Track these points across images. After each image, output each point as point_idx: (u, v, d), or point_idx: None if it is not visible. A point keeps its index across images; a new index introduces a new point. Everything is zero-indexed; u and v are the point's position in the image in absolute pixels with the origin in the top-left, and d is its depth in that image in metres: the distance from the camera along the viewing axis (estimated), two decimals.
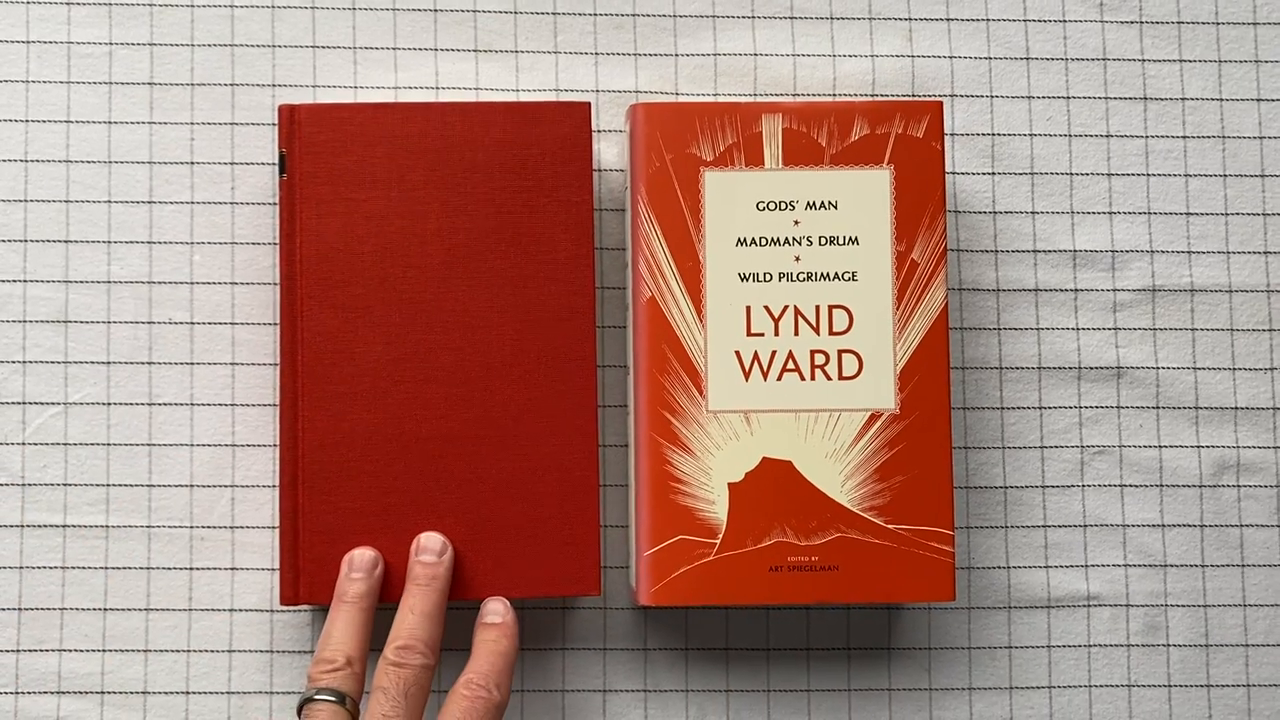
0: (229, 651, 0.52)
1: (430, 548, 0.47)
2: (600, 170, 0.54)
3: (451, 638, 0.52)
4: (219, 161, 0.53)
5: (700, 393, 0.48)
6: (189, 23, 0.53)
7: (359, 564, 0.47)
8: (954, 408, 0.53)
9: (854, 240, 0.49)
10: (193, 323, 0.53)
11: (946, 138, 0.54)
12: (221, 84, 0.53)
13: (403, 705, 0.44)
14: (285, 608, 0.51)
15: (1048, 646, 0.53)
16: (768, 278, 0.49)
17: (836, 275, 0.49)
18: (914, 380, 0.49)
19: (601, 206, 0.53)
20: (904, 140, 0.49)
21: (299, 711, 0.45)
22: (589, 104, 0.50)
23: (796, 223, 0.49)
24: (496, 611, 0.47)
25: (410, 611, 0.46)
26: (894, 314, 0.49)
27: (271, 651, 0.52)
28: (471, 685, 0.45)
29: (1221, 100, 0.55)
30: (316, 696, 0.44)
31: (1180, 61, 0.55)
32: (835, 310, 0.49)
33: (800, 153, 0.49)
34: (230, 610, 0.52)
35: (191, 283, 0.53)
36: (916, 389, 0.49)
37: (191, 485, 0.52)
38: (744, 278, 0.49)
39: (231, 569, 0.52)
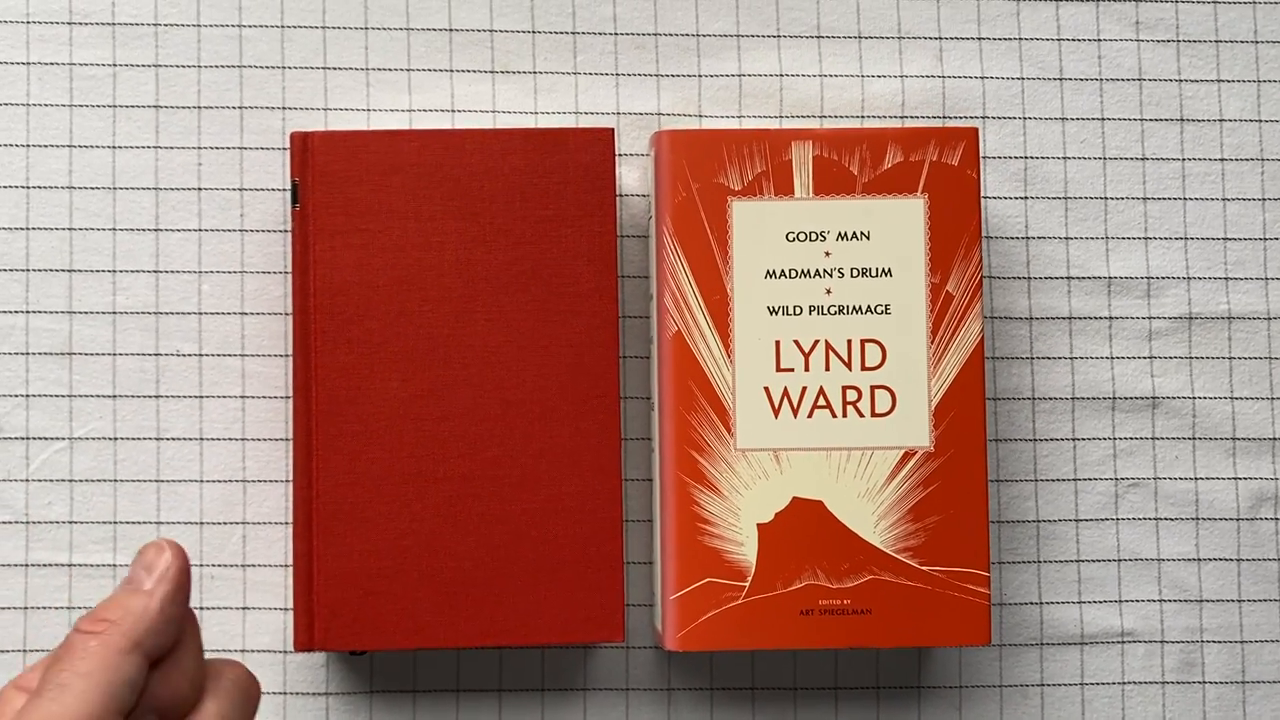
0: None
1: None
2: (622, 195, 0.52)
3: (469, 677, 0.51)
4: (228, 187, 0.51)
5: (728, 430, 0.47)
6: (195, 43, 0.52)
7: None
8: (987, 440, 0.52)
9: (887, 272, 0.47)
10: (201, 354, 0.51)
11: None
12: (230, 107, 0.51)
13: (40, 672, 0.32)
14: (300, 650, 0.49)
15: (1081, 684, 0.52)
16: (798, 311, 0.47)
17: (869, 308, 0.47)
18: (949, 417, 0.47)
19: (623, 233, 0.52)
20: (938, 168, 0.48)
21: None
22: (612, 130, 0.48)
23: (828, 254, 0.47)
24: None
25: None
26: (928, 348, 0.47)
27: (285, 694, 0.50)
28: (91, 619, 0.33)
29: (1260, 122, 0.53)
30: None
31: (1218, 81, 0.53)
32: (868, 345, 0.47)
33: (831, 181, 0.47)
34: (242, 651, 0.50)
35: (200, 313, 0.51)
36: (952, 426, 0.47)
37: (201, 522, 0.51)
38: (773, 311, 0.47)
39: (243, 609, 0.50)
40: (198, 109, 0.51)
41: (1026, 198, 0.53)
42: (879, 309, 0.47)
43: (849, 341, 0.47)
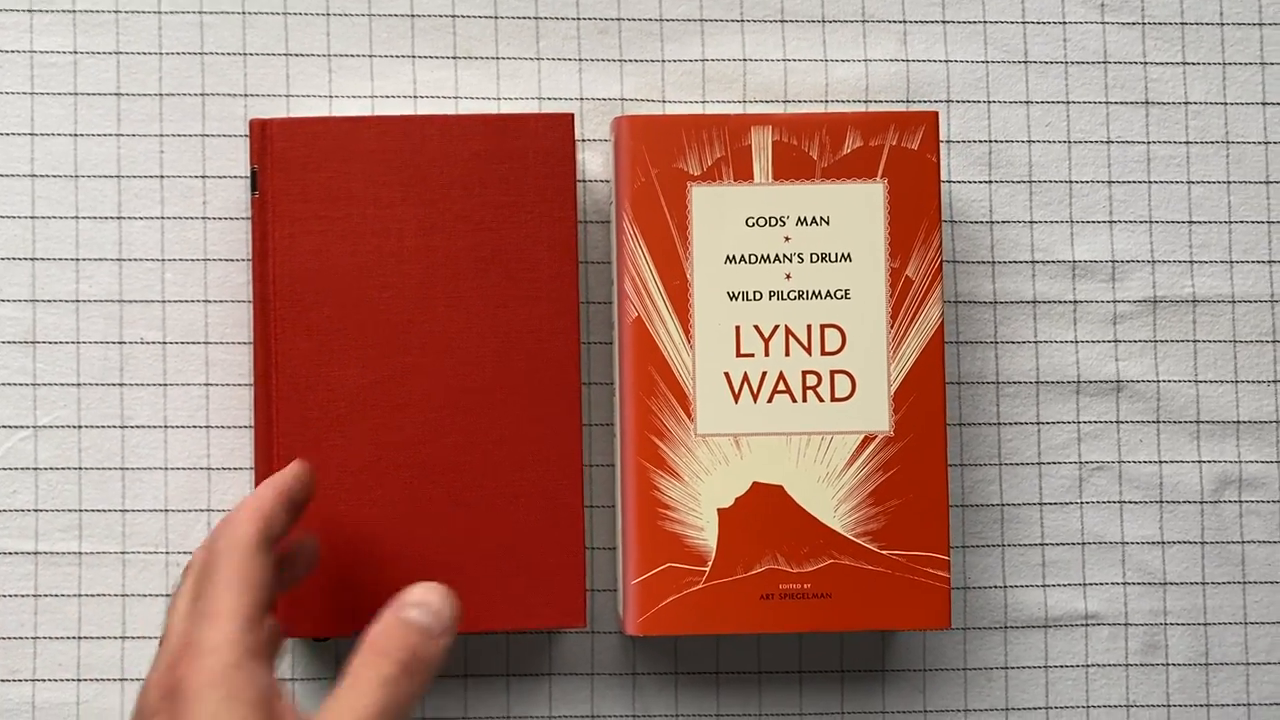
0: None
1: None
2: (585, 181, 0.52)
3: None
4: (190, 175, 0.51)
5: (688, 416, 0.47)
6: (156, 30, 0.51)
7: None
8: (950, 424, 0.52)
9: (847, 257, 0.47)
10: (165, 342, 0.51)
11: (942, 145, 0.52)
12: (191, 94, 0.51)
13: (179, 594, 0.38)
14: None
15: (1045, 667, 0.52)
16: (758, 296, 0.47)
17: (829, 293, 0.47)
18: (909, 401, 0.47)
19: (586, 218, 0.52)
20: (898, 152, 0.47)
21: None
22: (572, 115, 0.48)
23: (787, 239, 0.47)
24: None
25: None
26: (888, 333, 0.47)
27: None
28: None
29: (1225, 104, 0.53)
30: None
31: (1183, 64, 0.53)
32: (827, 329, 0.47)
33: (791, 166, 0.47)
34: None
35: (163, 301, 0.51)
36: (911, 410, 0.47)
37: (166, 510, 0.51)
38: (733, 296, 0.47)
39: None
40: (159, 96, 0.51)
41: (991, 181, 0.53)
42: (838, 294, 0.47)
43: (809, 326, 0.47)
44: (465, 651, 0.51)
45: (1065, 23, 0.53)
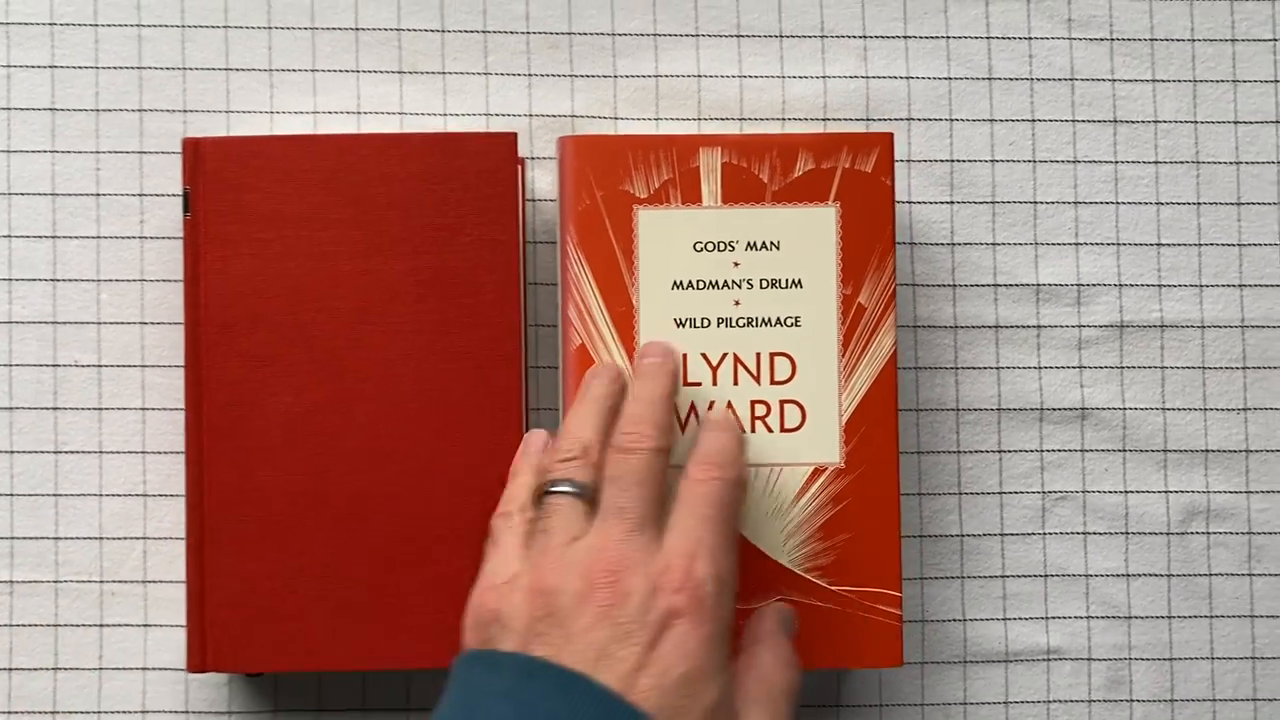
0: (142, 712, 0.49)
1: (654, 350, 0.44)
2: (535, 200, 0.50)
3: (376, 696, 0.49)
4: (127, 193, 0.50)
5: None
6: (93, 44, 0.50)
7: (604, 371, 0.44)
8: (908, 452, 0.50)
9: (797, 283, 0.46)
10: (100, 365, 0.50)
11: (902, 164, 0.51)
12: (129, 110, 0.50)
13: (637, 494, 0.40)
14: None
15: (1005, 703, 0.50)
16: (705, 323, 0.46)
17: (779, 321, 0.46)
18: (860, 432, 0.46)
19: (536, 239, 0.50)
20: (851, 175, 0.46)
21: (534, 506, 0.41)
22: (515, 135, 0.47)
23: (736, 264, 0.46)
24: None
25: (635, 400, 0.42)
26: (839, 362, 0.46)
27: (187, 712, 0.49)
28: (702, 466, 0.41)
29: (1196, 123, 0.52)
30: (553, 489, 0.41)
31: (1153, 82, 0.52)
32: (777, 358, 0.46)
33: (741, 189, 0.46)
34: (143, 669, 0.49)
35: (99, 323, 0.50)
36: (863, 442, 0.46)
37: (101, 537, 0.49)
38: (680, 323, 0.46)
39: (144, 626, 0.49)
40: (95, 112, 0.50)
41: (952, 202, 0.51)
42: (789, 321, 0.46)
43: (758, 355, 0.46)
44: (408, 684, 0.50)
45: (1031, 38, 0.52)
